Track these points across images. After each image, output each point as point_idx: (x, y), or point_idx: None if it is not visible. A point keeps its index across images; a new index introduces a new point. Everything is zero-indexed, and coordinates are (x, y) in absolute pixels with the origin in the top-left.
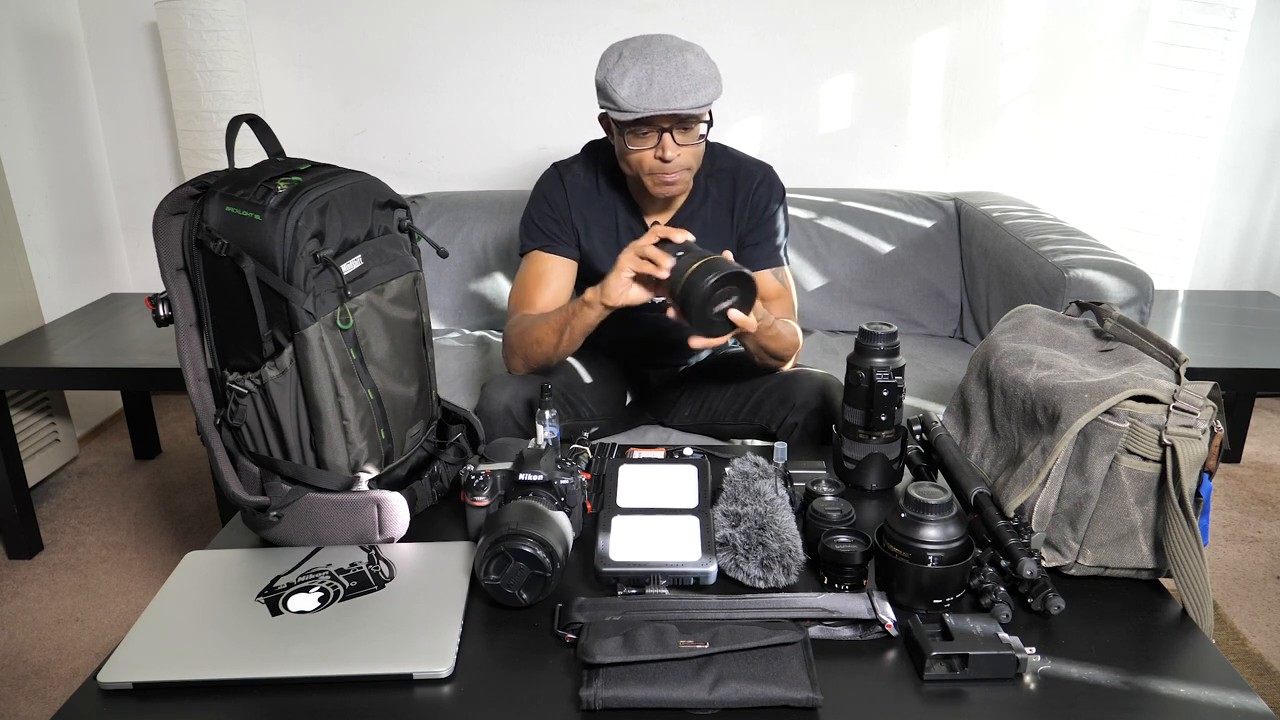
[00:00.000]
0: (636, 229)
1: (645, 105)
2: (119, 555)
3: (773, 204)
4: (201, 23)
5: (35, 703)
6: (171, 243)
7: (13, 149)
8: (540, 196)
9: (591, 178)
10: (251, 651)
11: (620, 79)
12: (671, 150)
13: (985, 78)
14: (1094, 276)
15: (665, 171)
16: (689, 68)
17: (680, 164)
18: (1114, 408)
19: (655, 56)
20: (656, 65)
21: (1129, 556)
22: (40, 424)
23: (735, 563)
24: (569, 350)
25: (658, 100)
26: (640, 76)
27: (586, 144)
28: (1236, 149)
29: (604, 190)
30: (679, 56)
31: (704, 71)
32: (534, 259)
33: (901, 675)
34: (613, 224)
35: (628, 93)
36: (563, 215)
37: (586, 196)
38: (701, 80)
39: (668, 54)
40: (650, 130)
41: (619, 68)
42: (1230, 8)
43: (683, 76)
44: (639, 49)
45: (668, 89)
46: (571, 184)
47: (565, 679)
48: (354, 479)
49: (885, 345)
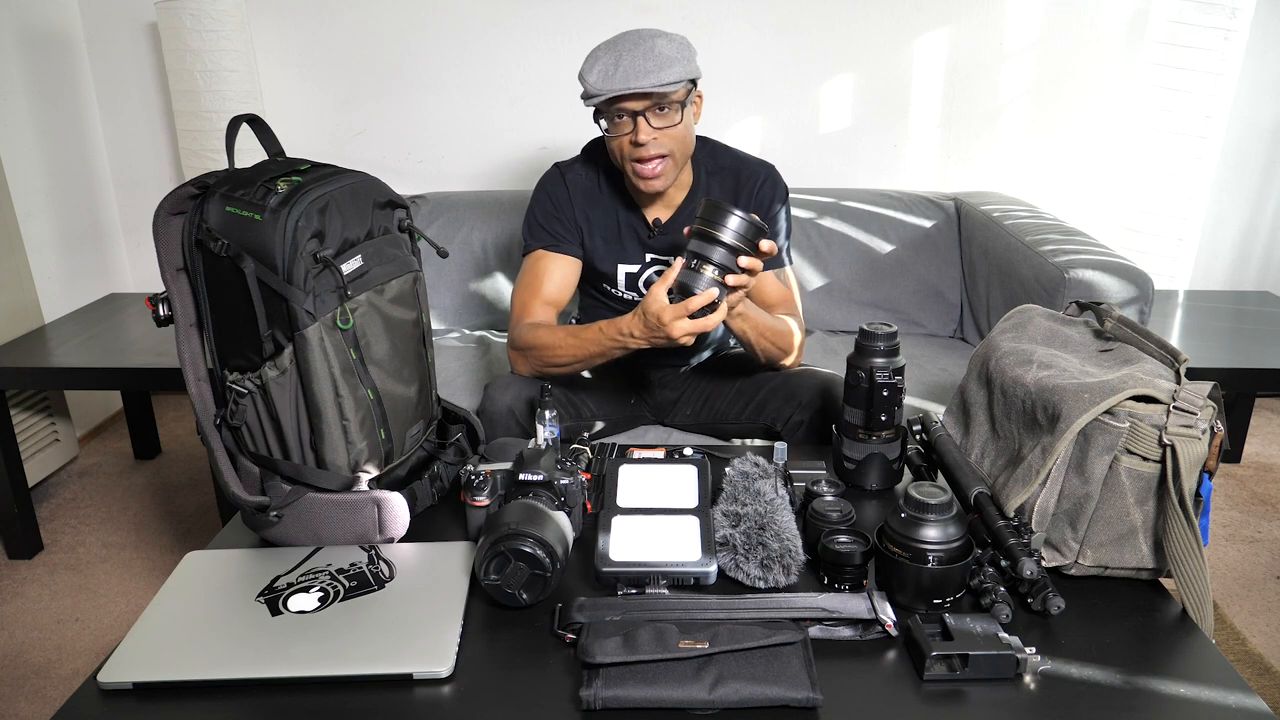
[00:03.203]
0: (638, 227)
1: (609, 86)
2: (119, 555)
3: (776, 204)
4: (201, 23)
5: (35, 703)
6: (171, 243)
7: (13, 149)
8: (543, 196)
9: (593, 177)
10: (251, 651)
11: (590, 68)
12: (645, 133)
13: (985, 78)
14: (1094, 276)
15: (642, 158)
16: (655, 50)
17: (656, 149)
18: (1114, 408)
19: (625, 44)
20: (624, 51)
21: (1129, 556)
22: (40, 424)
23: (735, 563)
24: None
25: (620, 81)
26: (609, 62)
27: (587, 144)
28: (1236, 149)
29: (605, 189)
30: (649, 42)
31: (671, 53)
32: (538, 258)
33: (901, 675)
34: (614, 223)
35: (595, 78)
36: (566, 214)
37: (588, 196)
38: (667, 61)
39: (639, 40)
40: (625, 116)
41: (592, 58)
42: (1230, 8)
43: (649, 58)
44: (613, 41)
45: (631, 70)
46: (573, 183)
47: (565, 679)
48: (354, 479)
49: (885, 345)
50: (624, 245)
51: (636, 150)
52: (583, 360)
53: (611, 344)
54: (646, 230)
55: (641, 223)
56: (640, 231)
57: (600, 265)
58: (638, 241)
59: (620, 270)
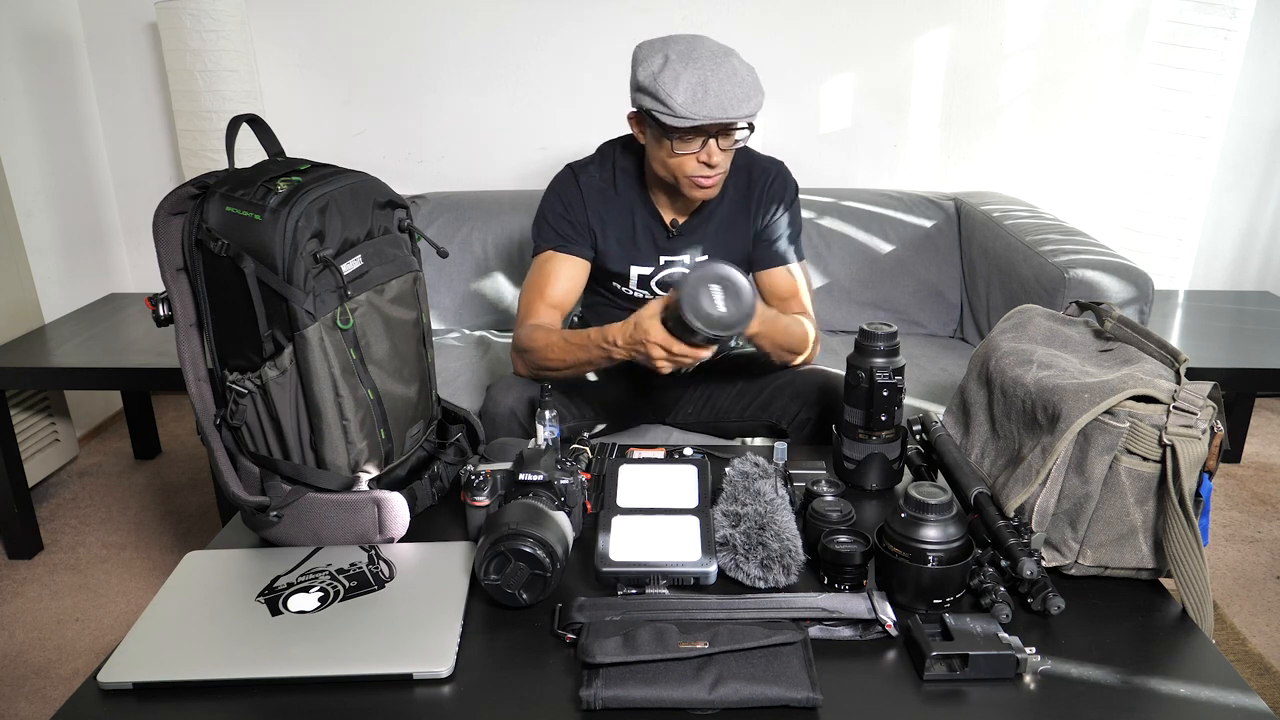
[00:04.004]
0: (655, 228)
1: (703, 113)
2: (119, 555)
3: (787, 199)
4: (201, 23)
5: (35, 703)
6: (171, 243)
7: (13, 149)
8: (554, 196)
9: (608, 178)
10: (251, 651)
11: (673, 84)
12: (717, 156)
13: (985, 78)
14: (1094, 276)
15: (706, 175)
16: (738, 74)
17: (721, 169)
18: (1114, 408)
19: (704, 61)
20: (709, 72)
21: (1129, 556)
22: (40, 424)
23: (735, 563)
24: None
25: (715, 108)
26: (694, 82)
27: (602, 144)
28: (1236, 149)
29: (621, 190)
30: (727, 62)
31: (751, 79)
32: (546, 259)
33: (901, 675)
34: (630, 224)
35: (684, 99)
36: (578, 216)
37: (602, 197)
38: (752, 88)
39: (715, 59)
40: (697, 136)
41: (668, 71)
42: (1230, 8)
43: (734, 84)
44: (685, 52)
45: (724, 97)
46: (587, 185)
47: (565, 679)
48: (354, 479)
49: (885, 345)
50: (639, 246)
51: (702, 168)
52: (571, 366)
53: (599, 353)
54: (664, 231)
55: (658, 224)
56: (656, 233)
57: (613, 265)
58: (653, 243)
59: (633, 271)
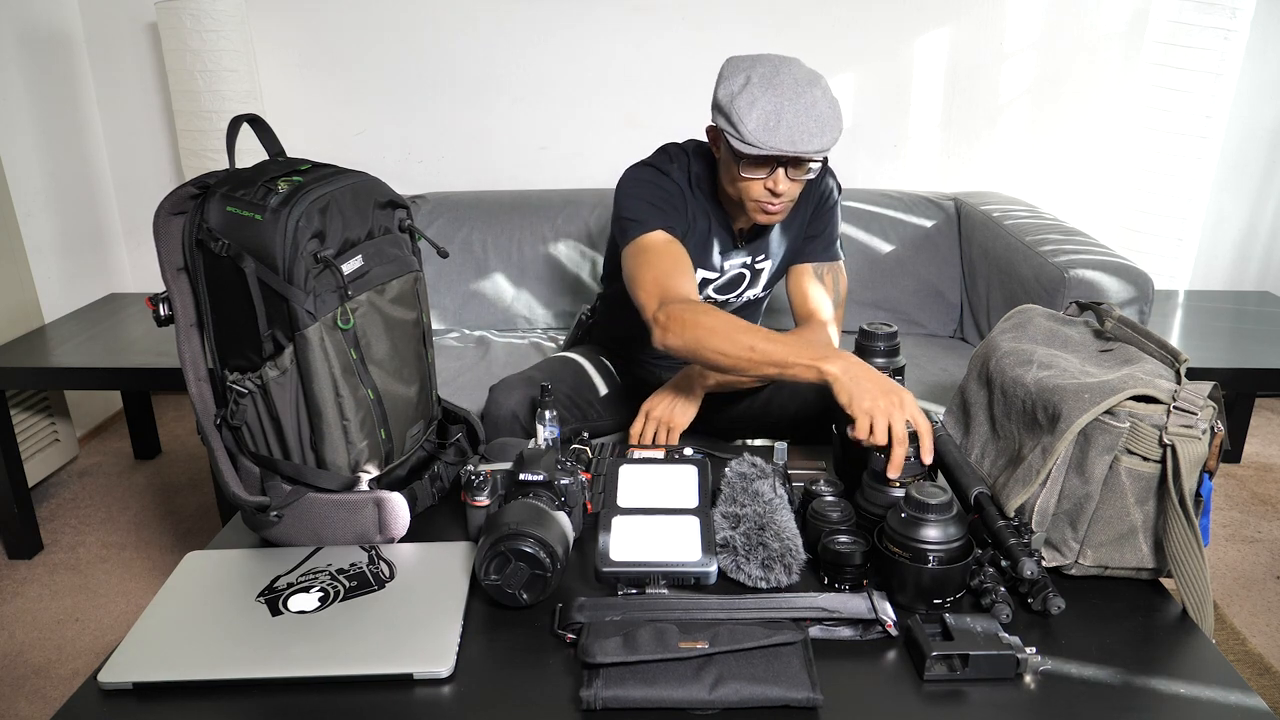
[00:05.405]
0: (723, 238)
1: (771, 144)
2: (119, 555)
3: (833, 197)
4: (201, 23)
5: (35, 703)
6: (172, 243)
7: (13, 149)
8: (650, 185)
9: (684, 179)
10: (251, 651)
11: (748, 109)
12: (784, 185)
13: (985, 78)
14: (1094, 276)
15: (772, 203)
16: (816, 107)
17: (789, 197)
18: (1114, 408)
19: (785, 89)
20: (786, 101)
21: (1129, 556)
22: (40, 424)
23: (736, 564)
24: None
25: (785, 141)
26: (768, 110)
27: (666, 146)
28: (1236, 149)
29: (694, 193)
30: (808, 93)
31: (829, 113)
32: (663, 240)
33: (901, 675)
34: (704, 228)
35: (754, 126)
36: (679, 205)
37: (684, 197)
38: (828, 123)
39: (797, 88)
40: (766, 163)
41: (746, 95)
42: (1230, 8)
43: (810, 117)
44: (768, 77)
45: (796, 130)
46: (679, 181)
47: (565, 679)
48: (354, 479)
49: (885, 345)
50: (708, 252)
51: (768, 195)
52: (751, 360)
53: (799, 365)
54: (730, 240)
55: (727, 232)
56: (723, 241)
57: None
58: (719, 251)
59: (699, 275)
